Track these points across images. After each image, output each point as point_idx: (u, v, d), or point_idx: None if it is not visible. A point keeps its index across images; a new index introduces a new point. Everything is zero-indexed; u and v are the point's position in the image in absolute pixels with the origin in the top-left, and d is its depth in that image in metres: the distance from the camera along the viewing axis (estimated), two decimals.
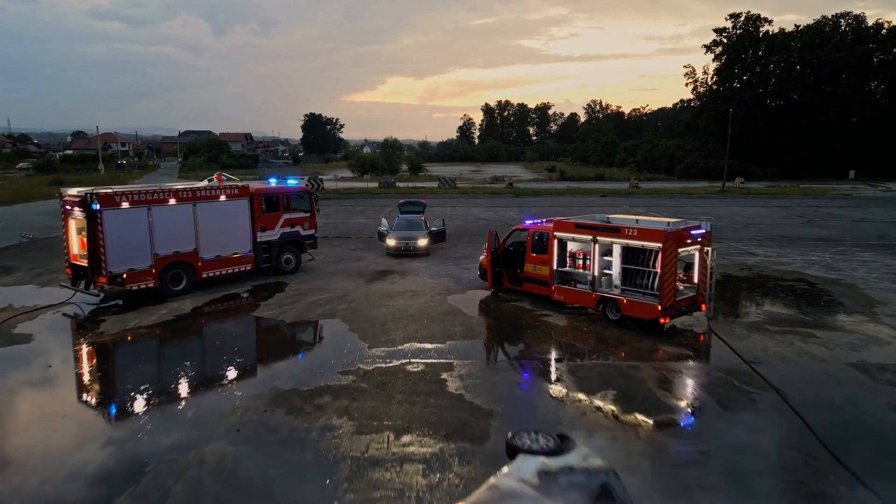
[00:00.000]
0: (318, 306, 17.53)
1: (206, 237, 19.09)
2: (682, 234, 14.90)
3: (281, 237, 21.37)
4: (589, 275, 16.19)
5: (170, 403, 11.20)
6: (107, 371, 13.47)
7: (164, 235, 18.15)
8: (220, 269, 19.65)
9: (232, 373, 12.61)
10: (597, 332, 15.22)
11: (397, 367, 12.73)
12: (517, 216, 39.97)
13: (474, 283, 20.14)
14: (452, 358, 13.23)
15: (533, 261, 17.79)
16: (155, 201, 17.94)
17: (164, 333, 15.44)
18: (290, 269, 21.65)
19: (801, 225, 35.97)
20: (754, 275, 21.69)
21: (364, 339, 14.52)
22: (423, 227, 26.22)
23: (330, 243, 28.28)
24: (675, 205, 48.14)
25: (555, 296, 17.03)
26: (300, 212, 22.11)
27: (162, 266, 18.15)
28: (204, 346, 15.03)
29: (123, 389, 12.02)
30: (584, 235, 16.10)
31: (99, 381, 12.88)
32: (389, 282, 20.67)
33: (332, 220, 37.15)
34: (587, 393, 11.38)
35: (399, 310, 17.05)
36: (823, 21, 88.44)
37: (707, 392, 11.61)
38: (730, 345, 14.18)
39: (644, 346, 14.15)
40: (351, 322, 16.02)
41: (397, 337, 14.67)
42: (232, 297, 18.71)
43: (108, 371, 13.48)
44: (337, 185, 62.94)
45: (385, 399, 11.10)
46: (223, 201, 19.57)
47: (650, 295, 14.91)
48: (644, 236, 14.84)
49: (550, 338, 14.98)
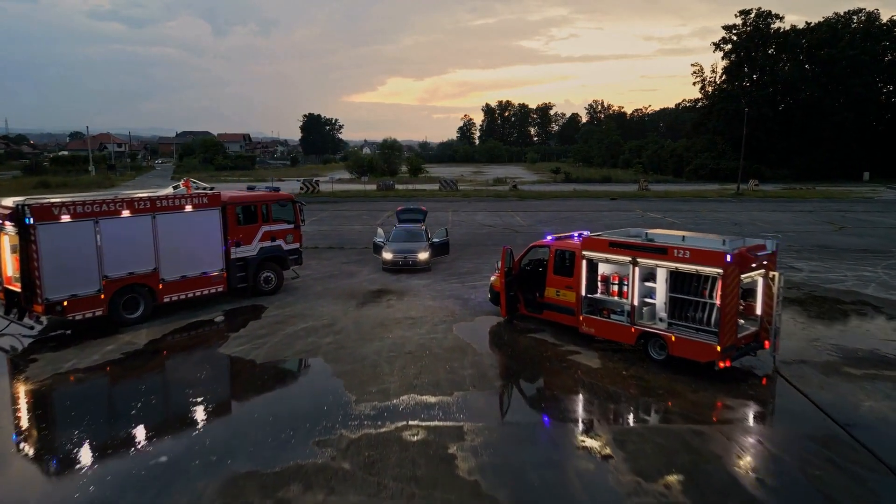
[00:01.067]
0: (299, 339, 14.62)
1: (168, 255, 16.18)
2: (745, 257, 12.00)
3: (259, 253, 18.45)
4: (626, 304, 13.29)
5: (65, 498, 8.27)
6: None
7: (116, 254, 15.25)
8: (186, 291, 16.74)
9: (174, 445, 9.68)
10: (639, 376, 12.31)
11: (391, 433, 9.83)
12: (524, 222, 37.14)
13: (483, 307, 17.25)
14: (462, 419, 10.33)
15: (556, 284, 14.89)
16: (104, 213, 15.03)
17: (101, 380, 12.53)
18: (271, 289, 18.73)
19: (836, 233, 33.07)
20: (806, 295, 18.78)
21: (350, 389, 11.61)
22: (423, 239, 23.29)
23: (320, 255, 25.39)
24: (691, 209, 45.33)
25: (583, 328, 14.12)
26: (283, 223, 19.19)
27: (113, 290, 15.25)
28: (146, 401, 11.33)
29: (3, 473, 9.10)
30: (621, 256, 13.20)
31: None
32: (385, 305, 17.77)
33: (325, 228, 34.28)
34: (646, 479, 8.47)
35: (395, 345, 14.15)
36: (835, 18, 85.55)
37: (807, 477, 8.67)
38: (810, 397, 11.28)
39: (702, 400, 11.24)
40: (336, 363, 13.12)
41: (392, 385, 11.76)
42: (197, 326, 15.79)
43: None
44: (333, 188, 60.07)
45: (373, 491, 8.19)
46: (189, 212, 16.65)
47: (706, 332, 12.01)
48: (699, 259, 11.93)
49: (583, 386, 12.06)
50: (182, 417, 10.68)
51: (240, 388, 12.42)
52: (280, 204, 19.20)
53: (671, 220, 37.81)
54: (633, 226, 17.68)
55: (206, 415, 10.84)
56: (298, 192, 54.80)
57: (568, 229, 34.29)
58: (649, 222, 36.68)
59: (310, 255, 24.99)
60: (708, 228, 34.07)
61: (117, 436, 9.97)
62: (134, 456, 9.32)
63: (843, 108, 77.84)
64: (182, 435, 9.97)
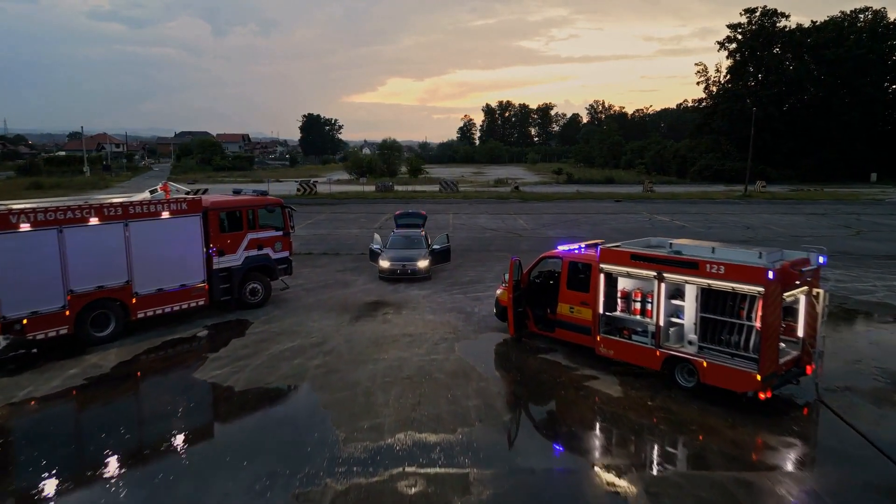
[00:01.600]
0: (284, 361, 13.18)
1: (142, 266, 14.74)
2: (789, 274, 10.56)
3: (245, 262, 17.01)
4: (650, 324, 11.85)
5: None
6: None
7: (84, 266, 13.80)
8: (163, 305, 15.29)
9: (128, 501, 8.23)
10: (666, 408, 10.88)
11: (384, 483, 8.39)
12: (528, 225, 35.70)
13: (488, 322, 15.84)
14: (468, 464, 8.88)
15: (569, 300, 13.44)
16: (69, 221, 13.58)
17: (57, 412, 11.07)
18: (257, 301, 17.29)
19: (853, 237, 31.64)
20: (838, 308, 17.35)
21: (339, 425, 10.17)
22: (422, 245, 21.83)
23: (314, 262, 23.97)
24: (699, 211, 43.93)
25: (600, 349, 12.67)
26: (270, 230, 17.75)
27: (80, 306, 13.80)
28: (104, 440, 9.69)
29: None
30: (644, 270, 11.75)
31: None
32: (381, 319, 16.33)
33: (320, 231, 32.85)
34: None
35: (391, 368, 12.71)
36: (841, 17, 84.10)
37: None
38: (867, 436, 9.85)
39: (741, 438, 9.80)
40: (323, 390, 11.68)
41: (387, 420, 10.32)
42: (174, 345, 14.35)
43: None
44: (331, 189, 58.62)
45: None
46: (167, 219, 15.20)
47: (743, 358, 10.58)
48: (736, 275, 10.49)
49: (605, 419, 10.62)
50: (140, 463, 9.20)
51: (212, 423, 10.95)
52: (268, 209, 17.75)
53: (680, 224, 36.38)
54: (641, 229, 16.34)
55: (170, 460, 9.33)
56: (295, 194, 53.54)
57: (573, 233, 33.20)
58: (658, 226, 35.25)
59: (302, 262, 23.62)
60: (720, 232, 32.65)
61: (65, 481, 8.51)
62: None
63: (850, 107, 76.38)
64: (137, 486, 8.50)
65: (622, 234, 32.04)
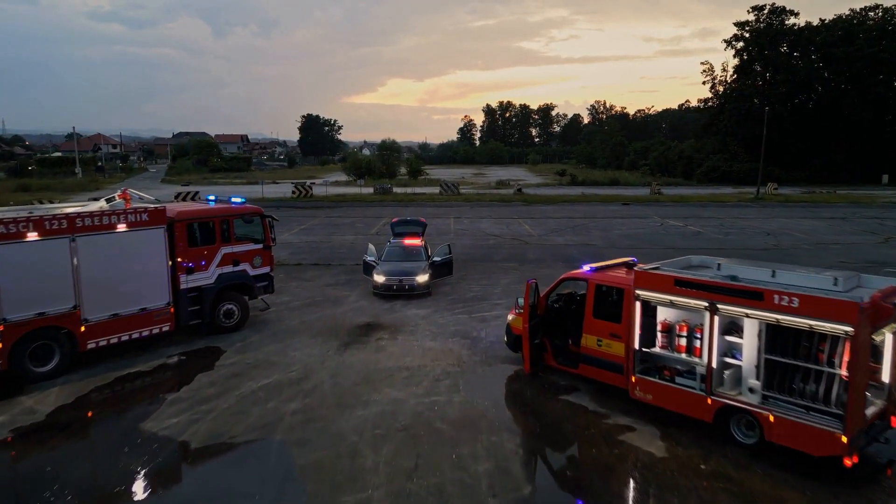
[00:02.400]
0: (256, 405, 11.02)
1: (93, 288, 12.59)
2: (881, 308, 8.42)
3: (218, 280, 14.86)
4: (700, 364, 9.71)
5: None
6: None
7: (20, 289, 11.65)
8: (120, 333, 13.13)
9: None
10: (725, 474, 8.72)
11: None
12: (534, 231, 33.53)
13: (496, 349, 13.71)
14: None
15: (596, 331, 11.29)
16: (1, 237, 11.44)
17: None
18: (233, 324, 15.15)
19: (882, 245, 29.51)
20: None
21: (315, 500, 8.02)
22: (422, 257, 19.67)
23: (302, 274, 21.82)
24: (712, 215, 41.77)
25: (635, 392, 10.52)
26: (248, 242, 15.60)
27: (16, 337, 11.66)
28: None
29: None
30: (693, 300, 9.61)
31: None
32: (373, 347, 14.17)
33: (313, 238, 30.67)
34: None
35: (383, 414, 10.56)
36: (850, 15, 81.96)
37: None
38: None
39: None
40: (299, 446, 9.52)
41: (376, 493, 8.17)
42: (128, 381, 12.19)
43: None
44: (327, 191, 56.47)
45: None
46: (123, 232, 13.04)
47: (822, 413, 8.45)
48: (815, 310, 8.32)
49: (649, 492, 8.46)
50: None
51: (155, 500, 8.72)
52: (245, 219, 15.58)
53: (695, 230, 34.22)
54: (655, 235, 14.28)
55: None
56: (290, 196, 51.39)
57: (582, 239, 30.98)
58: (672, 232, 33.12)
59: (290, 274, 21.52)
60: (739, 239, 30.52)
61: None
62: None
63: (860, 107, 74.23)
64: None
65: (635, 241, 29.91)
